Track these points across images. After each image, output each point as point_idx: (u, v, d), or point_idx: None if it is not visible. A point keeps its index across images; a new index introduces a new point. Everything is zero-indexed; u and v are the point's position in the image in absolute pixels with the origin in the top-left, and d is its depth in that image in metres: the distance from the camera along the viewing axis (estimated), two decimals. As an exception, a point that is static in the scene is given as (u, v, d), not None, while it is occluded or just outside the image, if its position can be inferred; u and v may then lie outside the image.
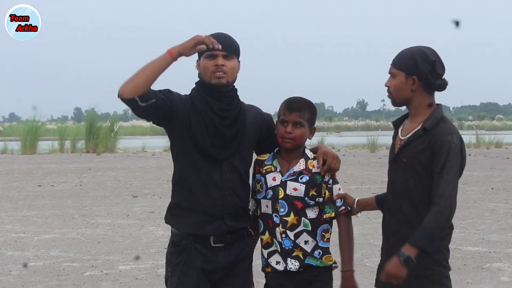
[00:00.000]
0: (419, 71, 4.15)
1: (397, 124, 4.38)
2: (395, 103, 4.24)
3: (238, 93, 4.47)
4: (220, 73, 4.31)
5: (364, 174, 20.77)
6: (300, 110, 4.40)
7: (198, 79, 4.45)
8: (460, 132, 4.25)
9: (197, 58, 4.43)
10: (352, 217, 4.49)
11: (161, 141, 33.08)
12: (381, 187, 16.98)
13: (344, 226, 4.41)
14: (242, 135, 4.39)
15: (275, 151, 4.50)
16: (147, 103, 4.19)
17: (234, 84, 4.43)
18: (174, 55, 4.17)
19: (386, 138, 36.77)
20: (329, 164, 4.41)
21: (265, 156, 4.50)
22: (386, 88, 4.25)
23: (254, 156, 4.57)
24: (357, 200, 4.48)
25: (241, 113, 4.41)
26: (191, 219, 4.33)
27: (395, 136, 4.33)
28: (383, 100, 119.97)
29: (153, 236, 11.29)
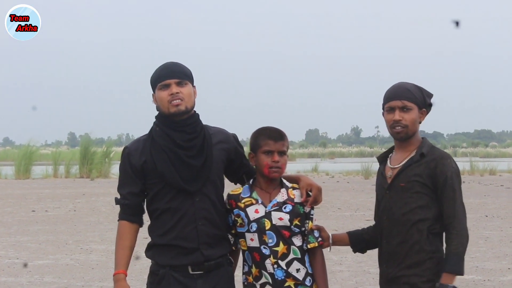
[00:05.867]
0: (426, 104, 4.39)
1: (382, 159, 4.54)
2: (407, 136, 4.37)
3: (201, 118, 4.43)
4: (177, 100, 4.29)
5: (358, 201, 20.76)
6: (283, 139, 4.44)
7: (157, 112, 4.43)
8: (454, 159, 4.48)
9: (152, 92, 4.42)
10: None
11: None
12: (375, 214, 16.96)
13: (320, 257, 4.46)
14: (211, 162, 4.36)
15: (250, 182, 4.48)
16: (140, 215, 4.45)
17: (195, 110, 4.41)
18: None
19: (380, 165, 36.78)
20: (315, 197, 4.43)
21: (239, 190, 4.47)
22: (393, 122, 4.35)
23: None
24: (331, 235, 4.56)
25: (206, 139, 4.38)
26: (169, 253, 4.33)
27: (383, 169, 4.47)
28: (377, 127, 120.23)
29: (147, 262, 11.15)
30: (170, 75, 4.33)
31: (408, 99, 4.32)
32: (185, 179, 4.29)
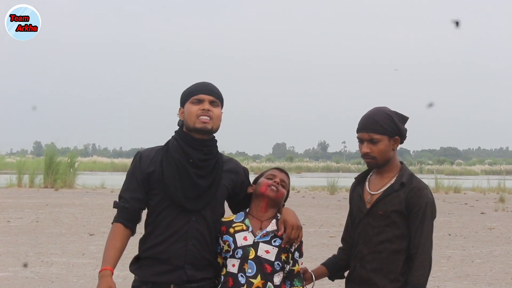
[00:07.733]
0: (399, 130, 4.37)
1: (360, 179, 4.54)
2: (378, 165, 4.39)
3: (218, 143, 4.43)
4: (206, 117, 4.29)
5: (323, 217, 20.77)
6: (287, 174, 4.54)
7: (178, 127, 4.41)
8: (420, 176, 4.50)
9: (180, 106, 4.41)
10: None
11: (121, 178, 32.72)
12: (339, 230, 16.96)
13: None
14: (217, 186, 4.35)
15: (246, 210, 4.45)
16: (136, 223, 4.36)
17: (215, 135, 4.41)
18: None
19: (346, 180, 36.96)
20: (288, 236, 4.35)
21: (232, 217, 4.45)
22: (362, 153, 4.39)
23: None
24: (313, 274, 4.56)
25: (218, 163, 4.38)
26: (153, 268, 4.29)
27: (361, 191, 4.47)
28: (344, 142, 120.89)
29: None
30: (207, 92, 4.35)
31: (375, 132, 4.32)
32: (187, 197, 4.27)
